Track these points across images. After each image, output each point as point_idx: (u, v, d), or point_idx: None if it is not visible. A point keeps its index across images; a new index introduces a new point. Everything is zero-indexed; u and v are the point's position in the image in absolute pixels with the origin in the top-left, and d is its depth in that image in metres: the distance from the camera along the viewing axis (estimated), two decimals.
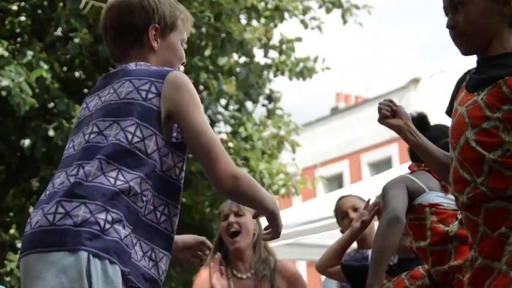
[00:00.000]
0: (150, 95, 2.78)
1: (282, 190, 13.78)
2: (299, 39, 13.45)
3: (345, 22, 14.72)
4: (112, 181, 2.65)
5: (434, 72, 31.48)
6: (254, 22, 12.43)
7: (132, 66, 2.89)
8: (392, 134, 4.54)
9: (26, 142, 9.48)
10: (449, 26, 2.84)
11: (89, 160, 2.70)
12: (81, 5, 9.38)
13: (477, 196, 2.93)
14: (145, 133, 2.74)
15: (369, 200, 5.23)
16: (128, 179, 2.67)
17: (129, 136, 2.73)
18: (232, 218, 5.11)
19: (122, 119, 2.77)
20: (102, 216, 2.57)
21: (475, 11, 2.88)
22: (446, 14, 2.92)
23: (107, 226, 2.57)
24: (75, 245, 2.52)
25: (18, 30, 9.90)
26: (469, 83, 3.14)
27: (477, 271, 3.01)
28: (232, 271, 5.13)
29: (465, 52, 2.91)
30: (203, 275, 5.15)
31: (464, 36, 2.86)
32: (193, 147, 2.82)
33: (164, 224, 2.76)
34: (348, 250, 5.59)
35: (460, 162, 3.02)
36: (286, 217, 8.65)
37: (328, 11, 14.47)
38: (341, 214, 6.12)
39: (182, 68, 3.27)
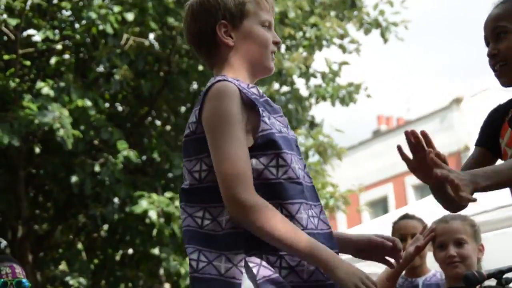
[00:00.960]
0: (194, 126, 2.62)
1: (331, 202, 13.62)
2: (346, 63, 13.57)
3: (385, 40, 14.62)
4: None
5: (476, 91, 30.63)
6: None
7: (208, 84, 2.68)
8: None
9: (74, 178, 9.40)
10: (490, 54, 2.70)
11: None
12: (122, 42, 9.48)
13: None
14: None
15: (425, 225, 4.86)
16: None
17: (202, 174, 2.57)
18: None
19: (189, 158, 2.62)
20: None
21: None
22: (487, 44, 2.78)
23: None
24: None
25: (62, 69, 9.83)
26: None
27: None
28: None
29: (505, 83, 2.73)
30: None
31: (505, 65, 2.69)
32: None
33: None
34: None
35: None
36: None
37: (367, 32, 14.40)
38: (399, 236, 4.95)
39: (275, 49, 2.80)
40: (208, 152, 2.55)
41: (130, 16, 9.33)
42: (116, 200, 9.68)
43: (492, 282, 4.38)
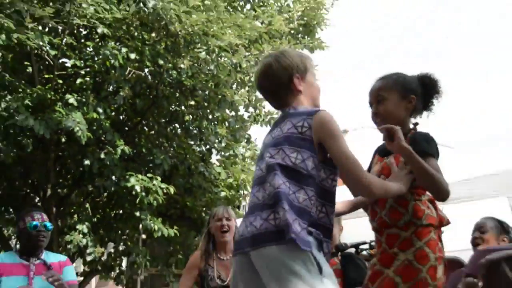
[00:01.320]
0: (304, 129, 2.87)
1: None
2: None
3: None
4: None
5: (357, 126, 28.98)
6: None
7: (291, 110, 3.02)
8: None
9: (86, 161, 9.47)
10: (373, 113, 3.06)
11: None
12: (126, 72, 9.45)
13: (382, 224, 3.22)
14: (304, 156, 2.83)
15: None
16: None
17: (292, 159, 2.85)
18: (224, 221, 5.05)
19: (286, 147, 2.89)
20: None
21: (391, 104, 3.11)
22: (371, 105, 3.11)
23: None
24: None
25: (84, 87, 9.88)
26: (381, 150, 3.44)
27: (374, 272, 3.20)
28: (217, 254, 5.05)
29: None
30: (196, 255, 5.10)
31: (383, 120, 3.01)
32: (339, 165, 2.88)
33: (323, 219, 2.83)
34: None
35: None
36: None
37: None
38: None
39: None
40: (306, 148, 2.86)
41: (132, 56, 9.34)
42: (113, 177, 9.73)
43: (352, 250, 5.05)
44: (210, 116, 11.18)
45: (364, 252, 5.16)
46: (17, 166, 10.17)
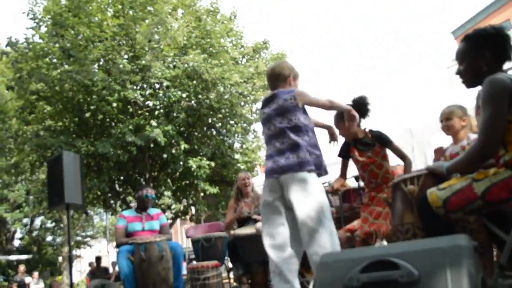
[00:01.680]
0: (292, 99, 3.03)
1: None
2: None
3: None
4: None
5: None
6: None
7: (278, 90, 3.12)
8: None
9: (165, 155, 10.33)
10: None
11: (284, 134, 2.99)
12: (181, 103, 10.27)
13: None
14: (298, 115, 3.00)
15: None
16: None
17: (294, 120, 3.00)
18: (245, 180, 5.13)
19: (286, 114, 3.02)
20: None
21: None
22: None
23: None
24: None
25: (159, 115, 10.72)
26: None
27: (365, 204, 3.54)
28: (243, 198, 5.13)
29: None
30: (232, 201, 5.21)
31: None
32: (320, 106, 3.05)
33: (316, 153, 3.04)
34: None
35: None
36: None
37: None
38: None
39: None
40: (297, 110, 3.01)
41: (184, 95, 10.28)
42: (181, 163, 10.37)
43: None
44: (232, 122, 11.59)
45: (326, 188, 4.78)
46: (129, 163, 10.95)
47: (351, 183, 5.08)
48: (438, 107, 3.74)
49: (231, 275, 5.49)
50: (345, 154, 3.74)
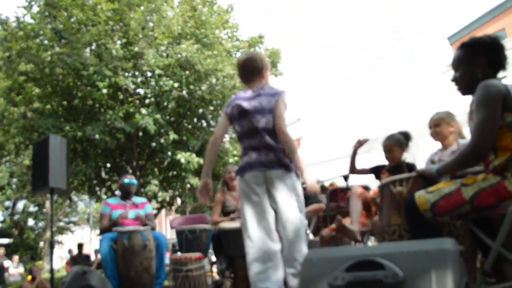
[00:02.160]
0: (274, 102, 3.01)
1: None
2: None
3: None
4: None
5: None
6: None
7: (263, 89, 3.08)
8: None
9: (153, 144, 10.24)
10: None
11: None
12: (172, 93, 10.23)
13: None
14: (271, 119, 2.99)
15: None
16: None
17: (270, 123, 2.99)
18: (232, 174, 5.05)
19: (266, 115, 3.00)
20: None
21: None
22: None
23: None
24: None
25: (150, 104, 10.51)
26: None
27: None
28: (229, 191, 5.10)
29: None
30: (219, 194, 5.13)
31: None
32: (277, 122, 2.99)
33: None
34: None
35: None
36: None
37: None
38: None
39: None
40: (272, 114, 2.96)
41: (176, 84, 10.09)
42: (169, 153, 10.53)
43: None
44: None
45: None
46: (117, 150, 10.95)
47: (340, 182, 5.16)
48: (429, 111, 3.78)
49: (214, 268, 5.49)
50: (376, 172, 3.86)
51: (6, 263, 14.80)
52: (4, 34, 10.18)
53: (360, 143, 3.87)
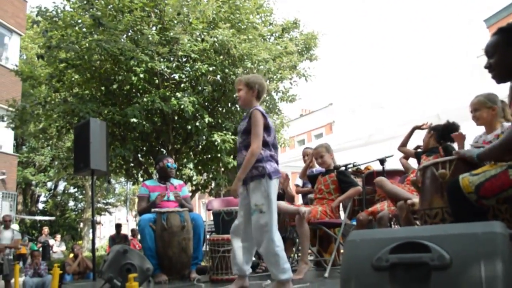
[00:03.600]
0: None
1: None
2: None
3: None
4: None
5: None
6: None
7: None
8: None
9: (189, 127, 10.20)
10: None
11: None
12: (208, 77, 10.23)
13: None
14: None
15: None
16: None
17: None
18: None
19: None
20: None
21: None
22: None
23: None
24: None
25: (185, 87, 10.73)
26: None
27: None
28: None
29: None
30: None
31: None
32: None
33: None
34: None
35: None
36: None
37: None
38: None
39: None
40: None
41: (210, 68, 10.09)
42: (204, 136, 10.38)
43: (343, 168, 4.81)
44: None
45: (350, 169, 4.98)
46: (153, 134, 11.10)
47: (376, 166, 5.14)
48: (467, 94, 3.80)
49: None
50: (418, 156, 4.07)
51: (51, 241, 15.31)
52: (46, 25, 10.32)
53: (421, 126, 4.06)
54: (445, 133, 3.80)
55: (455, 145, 3.77)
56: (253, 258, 5.66)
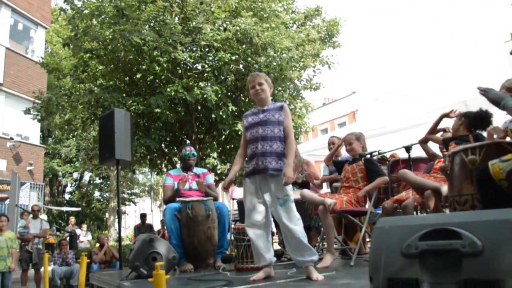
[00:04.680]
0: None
1: None
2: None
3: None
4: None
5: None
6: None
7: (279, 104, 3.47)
8: None
9: (213, 116, 10.24)
10: None
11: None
12: (230, 67, 10.12)
13: None
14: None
15: None
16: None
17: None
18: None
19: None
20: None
21: None
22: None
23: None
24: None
25: (208, 77, 10.65)
26: None
27: None
28: None
29: None
30: None
31: None
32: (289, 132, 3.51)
33: None
34: None
35: None
36: None
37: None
38: None
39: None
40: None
41: (233, 57, 9.98)
42: (227, 125, 10.47)
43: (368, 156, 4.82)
44: (279, 88, 11.29)
45: (375, 157, 4.96)
46: (176, 124, 11.05)
47: (401, 153, 5.09)
48: (495, 81, 3.59)
49: (276, 238, 5.52)
50: (446, 143, 3.97)
51: (78, 231, 15.61)
52: (72, 13, 10.45)
53: (449, 114, 3.99)
54: (477, 121, 3.76)
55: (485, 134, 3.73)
56: (279, 247, 5.73)
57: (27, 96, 16.70)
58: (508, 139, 2.55)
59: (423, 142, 4.32)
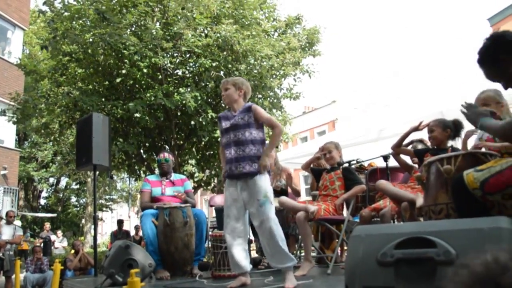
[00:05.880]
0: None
1: None
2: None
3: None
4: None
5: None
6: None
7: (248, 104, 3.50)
8: None
9: (192, 122, 10.25)
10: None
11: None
12: (211, 73, 10.15)
13: None
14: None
15: None
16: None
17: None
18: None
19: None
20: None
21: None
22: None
23: None
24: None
25: (188, 83, 10.56)
26: None
27: None
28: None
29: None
30: None
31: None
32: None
33: None
34: None
35: None
36: None
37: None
38: None
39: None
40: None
41: (214, 64, 10.00)
42: (206, 132, 10.36)
43: (346, 164, 4.83)
44: (260, 95, 11.31)
45: (353, 166, 4.95)
46: (156, 129, 11.01)
47: (379, 163, 5.13)
48: (470, 91, 3.71)
49: (253, 245, 5.50)
50: (419, 154, 3.94)
51: (53, 237, 15.34)
52: (51, 15, 10.33)
53: (418, 127, 3.94)
54: (457, 132, 3.80)
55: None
56: (256, 255, 5.72)
57: (3, 98, 16.40)
58: (483, 149, 2.57)
59: (396, 155, 4.35)
